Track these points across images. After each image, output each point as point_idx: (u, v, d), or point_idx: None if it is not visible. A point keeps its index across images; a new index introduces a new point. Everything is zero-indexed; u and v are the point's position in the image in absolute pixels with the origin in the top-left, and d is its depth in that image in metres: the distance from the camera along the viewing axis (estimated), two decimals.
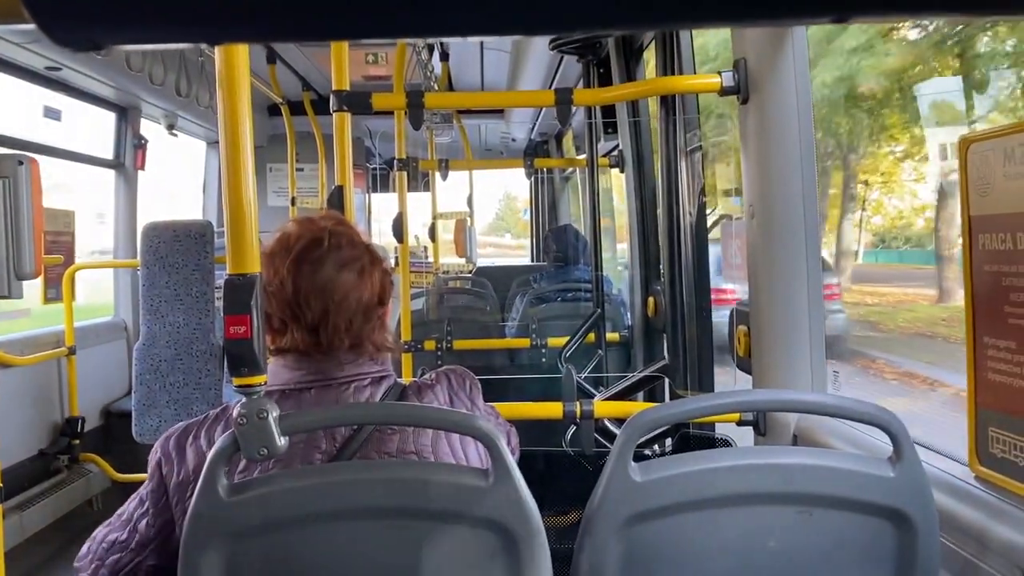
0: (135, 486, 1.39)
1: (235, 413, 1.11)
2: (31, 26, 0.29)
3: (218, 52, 1.15)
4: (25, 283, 2.24)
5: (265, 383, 1.13)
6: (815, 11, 0.29)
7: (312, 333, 1.30)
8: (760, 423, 2.03)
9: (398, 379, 1.41)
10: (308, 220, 1.38)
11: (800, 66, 1.94)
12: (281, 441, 1.12)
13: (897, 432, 1.21)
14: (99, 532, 1.34)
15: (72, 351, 3.97)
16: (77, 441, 3.92)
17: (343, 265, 1.32)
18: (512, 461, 1.16)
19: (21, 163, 2.15)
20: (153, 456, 1.31)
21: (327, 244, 1.32)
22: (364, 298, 1.34)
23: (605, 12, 0.29)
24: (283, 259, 1.31)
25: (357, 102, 2.15)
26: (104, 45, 0.29)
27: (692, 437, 2.30)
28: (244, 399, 1.12)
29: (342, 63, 2.15)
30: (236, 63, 1.15)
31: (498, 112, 6.17)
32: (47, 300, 3.97)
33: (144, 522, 1.30)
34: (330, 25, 0.28)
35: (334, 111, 2.14)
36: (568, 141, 7.15)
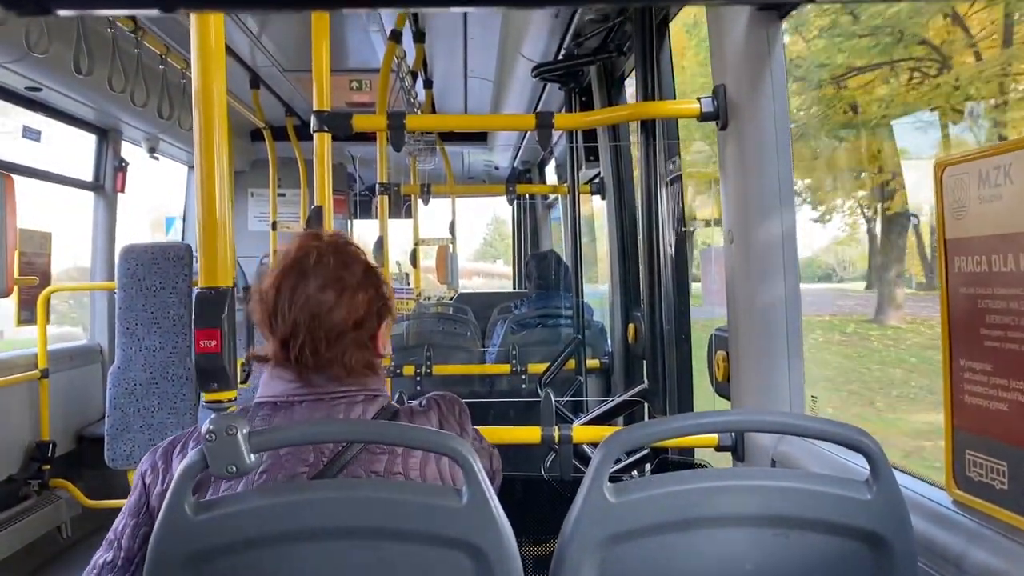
0: (106, 512, 1.37)
1: (203, 429, 1.09)
2: None
3: (194, 70, 1.15)
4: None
5: (235, 398, 1.11)
6: None
7: (283, 346, 1.30)
8: (739, 448, 2.03)
9: (393, 402, 1.39)
10: (311, 235, 1.38)
11: (779, 92, 1.96)
12: (250, 458, 1.09)
13: (874, 455, 1.20)
14: (91, 562, 1.31)
15: (45, 374, 3.91)
16: (48, 466, 3.84)
17: (324, 284, 1.31)
18: (487, 481, 1.14)
19: None
20: (140, 468, 1.30)
21: (314, 259, 1.32)
22: (336, 319, 1.31)
23: None
24: (276, 268, 1.32)
25: (338, 123, 2.14)
26: (52, 10, 0.28)
27: (671, 463, 2.29)
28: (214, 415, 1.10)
29: (323, 85, 2.15)
30: (212, 80, 1.14)
31: (481, 138, 6.20)
32: (21, 322, 3.92)
33: (127, 534, 1.28)
34: None
35: (315, 132, 2.13)
36: (550, 170, 7.19)
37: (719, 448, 2.05)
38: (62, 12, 0.29)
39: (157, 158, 5.07)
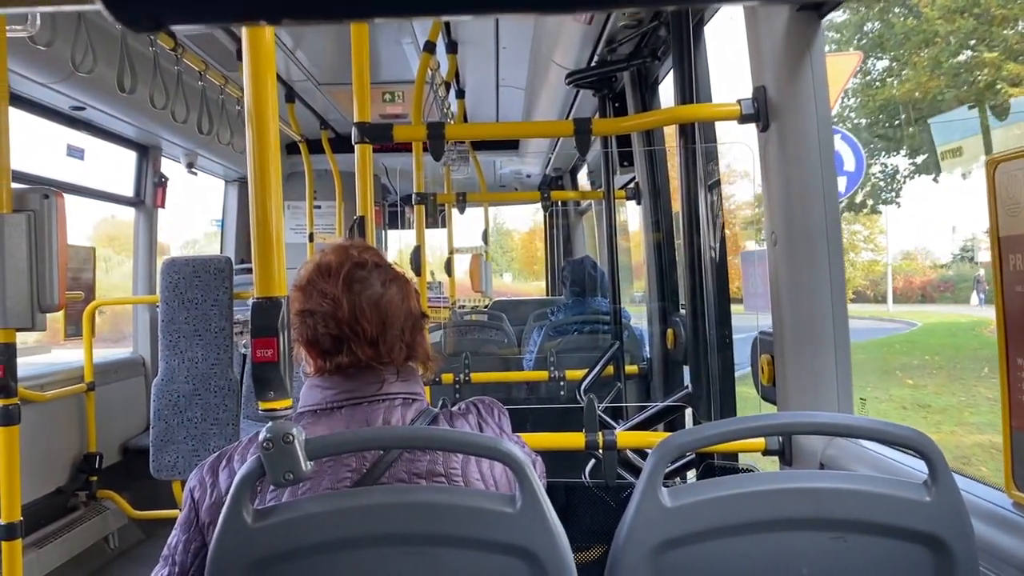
0: (152, 523, 1.40)
1: (261, 437, 1.11)
2: (96, 6, 0.29)
3: (247, 86, 1.17)
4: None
5: (291, 407, 1.13)
6: None
7: (372, 346, 1.35)
8: (786, 451, 2.00)
9: (429, 405, 1.41)
10: (341, 248, 1.43)
11: (820, 92, 1.94)
12: (307, 466, 1.11)
13: (933, 456, 1.18)
14: None
15: (91, 387, 3.98)
16: (95, 478, 3.92)
17: (389, 281, 1.39)
18: (540, 487, 1.14)
19: (47, 196, 2.19)
20: (188, 484, 1.33)
21: (370, 263, 1.39)
22: (413, 309, 1.41)
23: None
24: (332, 281, 1.36)
25: (378, 134, 2.17)
26: (166, 25, 0.29)
27: (717, 468, 2.27)
28: (270, 423, 1.11)
29: (364, 97, 2.18)
30: (264, 95, 1.16)
31: (512, 147, 6.21)
32: (67, 336, 4.00)
33: (180, 549, 1.31)
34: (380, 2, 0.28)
35: (356, 143, 2.16)
36: (582, 176, 7.18)
37: (766, 452, 2.02)
38: (175, 27, 0.30)
39: (196, 173, 5.16)
